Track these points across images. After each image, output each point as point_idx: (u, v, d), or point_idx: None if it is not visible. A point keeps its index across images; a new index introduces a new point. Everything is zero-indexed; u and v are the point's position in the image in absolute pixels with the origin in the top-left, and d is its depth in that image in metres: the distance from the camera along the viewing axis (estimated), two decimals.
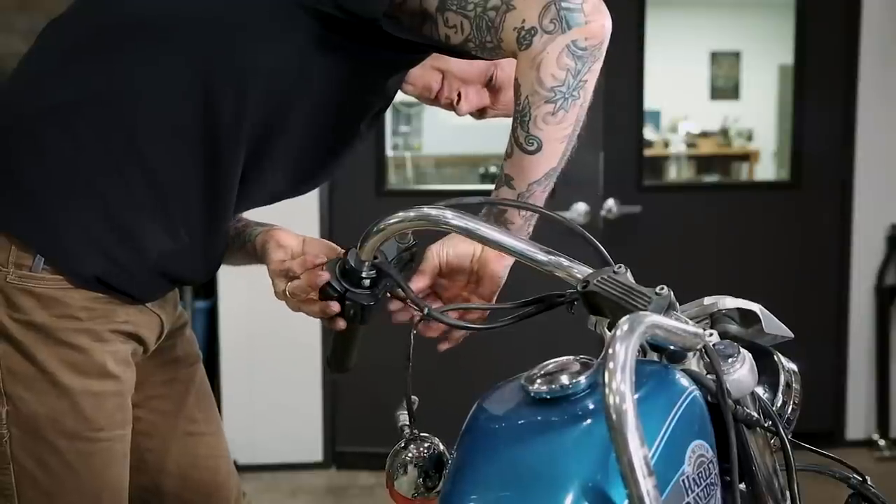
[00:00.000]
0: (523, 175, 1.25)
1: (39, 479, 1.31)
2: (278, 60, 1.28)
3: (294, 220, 1.62)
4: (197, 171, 1.30)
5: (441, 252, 1.33)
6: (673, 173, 7.06)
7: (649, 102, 3.75)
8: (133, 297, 1.33)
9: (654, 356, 1.08)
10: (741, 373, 1.03)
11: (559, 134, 1.24)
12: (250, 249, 1.44)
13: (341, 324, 1.28)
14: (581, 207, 3.51)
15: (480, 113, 1.57)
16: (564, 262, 1.16)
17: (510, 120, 1.26)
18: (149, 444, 1.52)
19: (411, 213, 1.16)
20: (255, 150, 1.32)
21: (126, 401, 1.37)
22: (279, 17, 1.27)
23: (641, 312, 0.88)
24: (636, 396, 0.79)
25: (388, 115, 4.32)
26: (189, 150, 1.29)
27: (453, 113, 1.57)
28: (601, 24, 1.20)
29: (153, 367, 1.49)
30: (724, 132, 7.07)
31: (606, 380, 0.79)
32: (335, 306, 1.26)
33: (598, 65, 1.22)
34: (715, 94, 7.19)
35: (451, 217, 1.16)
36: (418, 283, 1.31)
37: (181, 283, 1.43)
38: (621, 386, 0.78)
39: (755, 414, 1.05)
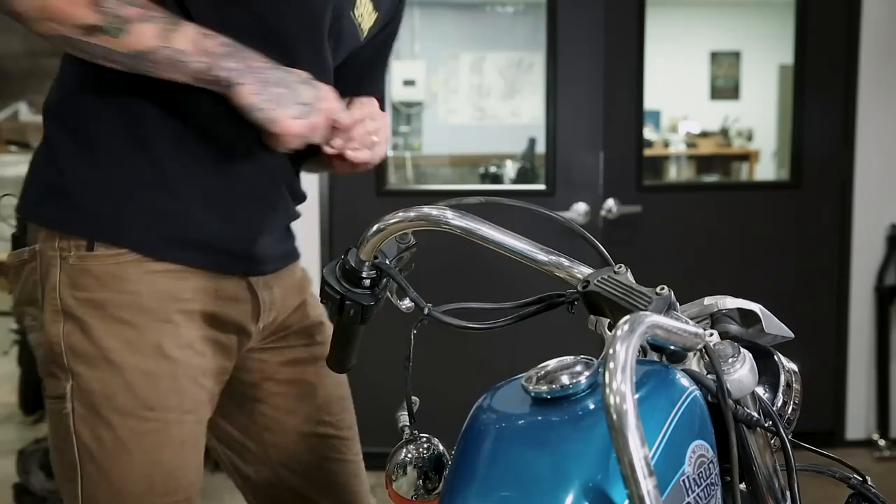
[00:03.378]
0: None
1: (96, 455, 1.33)
2: None
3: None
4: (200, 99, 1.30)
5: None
6: (673, 173, 7.07)
7: (649, 102, 3.75)
8: (195, 265, 1.34)
9: (655, 356, 1.08)
10: (741, 373, 1.03)
11: None
12: None
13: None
14: (581, 207, 3.51)
15: None
16: (564, 262, 1.16)
17: (510, 120, 1.27)
18: (273, 439, 1.54)
19: (411, 213, 1.16)
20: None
21: (184, 385, 1.35)
22: None
23: (642, 312, 0.88)
24: (636, 396, 0.78)
25: (389, 115, 4.32)
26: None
27: (453, 113, 1.57)
28: None
29: (276, 365, 1.52)
30: (724, 132, 7.08)
31: (607, 380, 0.79)
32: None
33: None
34: (715, 94, 7.20)
35: (451, 217, 1.16)
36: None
37: (248, 259, 1.42)
38: (622, 386, 0.78)
39: (755, 414, 1.05)
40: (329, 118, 1.33)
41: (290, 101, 1.27)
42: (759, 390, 1.10)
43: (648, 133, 6.09)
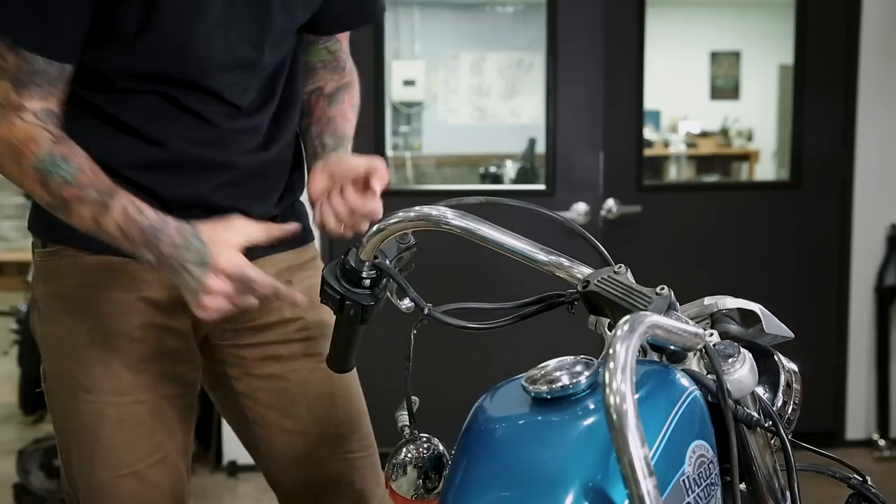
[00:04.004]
0: None
1: (61, 427, 1.52)
2: None
3: None
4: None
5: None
6: (673, 173, 7.07)
7: (649, 102, 3.75)
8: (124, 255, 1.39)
9: (655, 356, 1.08)
10: (741, 373, 1.03)
11: None
12: None
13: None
14: (581, 207, 3.51)
15: None
16: (565, 262, 1.16)
17: (510, 120, 1.27)
18: (259, 432, 1.60)
19: (411, 213, 1.16)
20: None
21: (117, 370, 1.46)
22: None
23: (642, 312, 0.88)
24: (636, 396, 0.78)
25: (388, 115, 4.32)
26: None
27: (453, 113, 1.58)
28: None
29: (254, 360, 1.56)
30: (724, 132, 7.08)
31: (607, 380, 0.79)
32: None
33: None
34: (715, 94, 7.20)
35: (452, 217, 1.16)
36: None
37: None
38: (622, 386, 0.78)
39: (755, 414, 1.05)
40: (236, 286, 1.31)
41: (185, 288, 1.32)
42: (759, 390, 1.10)
43: (648, 133, 6.09)
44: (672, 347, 1.04)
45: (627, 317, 0.84)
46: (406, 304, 1.24)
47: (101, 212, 1.30)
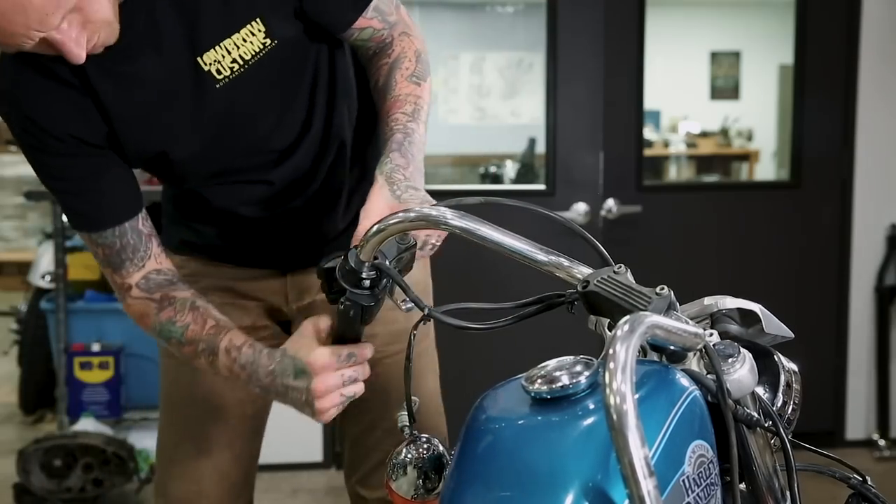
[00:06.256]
0: None
1: (161, 382, 1.76)
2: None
3: None
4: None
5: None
6: (673, 173, 7.07)
7: (649, 102, 3.75)
8: (213, 259, 1.68)
9: (655, 356, 1.08)
10: (741, 373, 1.03)
11: None
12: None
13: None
14: (581, 207, 3.51)
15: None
16: (564, 262, 1.16)
17: (510, 120, 1.27)
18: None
19: (411, 214, 1.16)
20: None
21: None
22: None
23: (642, 313, 0.88)
24: (636, 396, 0.78)
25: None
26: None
27: (453, 113, 1.59)
28: None
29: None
30: (724, 132, 7.08)
31: (607, 380, 0.79)
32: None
33: None
34: (715, 94, 7.21)
35: (451, 217, 1.16)
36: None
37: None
38: (622, 386, 0.78)
39: (755, 414, 1.05)
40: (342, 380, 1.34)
41: (297, 406, 1.38)
42: (759, 390, 1.10)
43: (648, 133, 6.10)
44: (672, 347, 1.04)
45: (627, 317, 0.84)
46: (406, 304, 1.24)
47: (212, 360, 1.43)
